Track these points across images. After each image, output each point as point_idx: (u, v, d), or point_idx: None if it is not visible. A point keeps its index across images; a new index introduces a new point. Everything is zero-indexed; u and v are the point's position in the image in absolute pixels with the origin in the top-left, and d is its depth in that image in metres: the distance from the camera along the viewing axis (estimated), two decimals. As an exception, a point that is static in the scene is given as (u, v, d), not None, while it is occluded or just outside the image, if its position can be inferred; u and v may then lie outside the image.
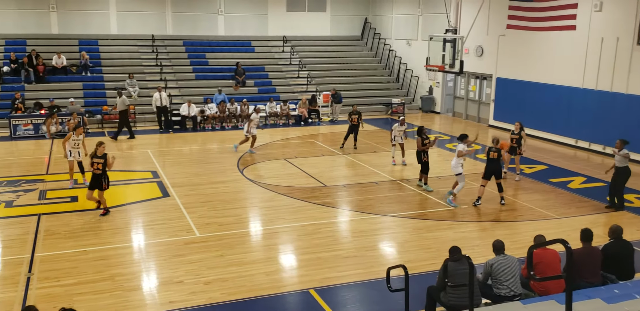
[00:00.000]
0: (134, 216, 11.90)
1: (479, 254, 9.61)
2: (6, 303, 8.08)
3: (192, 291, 8.48)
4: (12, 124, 19.83)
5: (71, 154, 13.79)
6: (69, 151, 13.81)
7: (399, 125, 16.10)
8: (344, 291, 8.58)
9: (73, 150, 13.79)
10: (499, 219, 11.91)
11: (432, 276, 8.27)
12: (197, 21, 27.21)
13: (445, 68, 18.90)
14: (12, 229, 10.95)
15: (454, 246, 7.46)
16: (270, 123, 22.93)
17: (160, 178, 14.69)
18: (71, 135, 13.79)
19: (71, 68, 23.71)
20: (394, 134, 16.17)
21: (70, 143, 13.76)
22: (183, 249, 10.04)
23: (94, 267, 9.27)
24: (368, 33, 30.01)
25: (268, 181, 14.50)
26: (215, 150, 18.57)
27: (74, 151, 13.78)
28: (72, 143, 13.75)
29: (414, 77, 26.89)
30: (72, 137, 13.77)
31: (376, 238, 10.82)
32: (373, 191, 13.81)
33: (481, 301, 7.14)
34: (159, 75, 24.47)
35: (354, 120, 18.23)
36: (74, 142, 13.75)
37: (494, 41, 22.13)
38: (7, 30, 24.55)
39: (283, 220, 11.63)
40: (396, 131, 16.10)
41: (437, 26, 24.32)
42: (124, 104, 19.81)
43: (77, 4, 25.37)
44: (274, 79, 26.08)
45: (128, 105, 20.23)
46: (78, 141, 13.79)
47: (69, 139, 13.75)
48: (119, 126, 19.86)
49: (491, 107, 22.82)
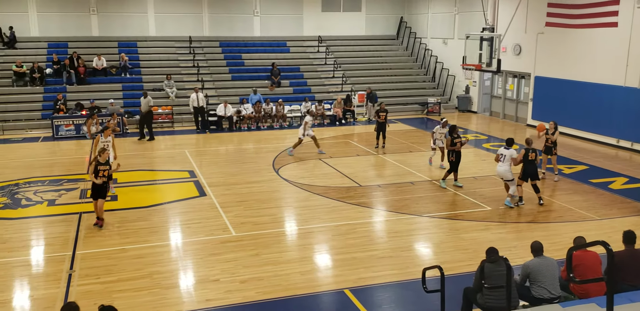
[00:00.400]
0: (172, 215, 12.10)
1: (516, 255, 9.45)
2: (49, 299, 8.31)
3: (228, 289, 8.58)
4: (54, 124, 20.39)
5: None
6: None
7: (441, 127, 15.57)
8: (379, 292, 8.55)
9: None
10: (537, 221, 11.69)
11: (468, 278, 8.17)
12: (233, 22, 27.50)
13: (482, 67, 18.65)
14: (55, 228, 11.26)
15: (491, 247, 7.34)
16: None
17: (197, 178, 14.89)
18: (99, 137, 13.51)
19: (111, 70, 24.24)
20: (435, 137, 15.61)
21: (99, 146, 13.29)
22: (219, 248, 10.16)
23: (132, 265, 9.46)
24: (403, 32, 29.83)
25: (303, 180, 14.54)
26: (250, 150, 18.73)
27: None
28: (101, 146, 13.32)
29: (450, 76, 26.61)
30: (101, 139, 13.48)
31: (412, 239, 10.75)
32: (409, 191, 13.72)
33: (519, 303, 7.03)
34: (196, 76, 24.81)
35: (381, 117, 18.11)
36: (103, 144, 13.40)
37: (533, 39, 21.71)
38: (50, 33, 25.28)
39: (318, 220, 11.65)
40: (438, 133, 15.56)
41: (473, 24, 24.01)
42: (147, 105, 20.10)
43: (117, 6, 25.95)
44: (309, 79, 26.16)
45: (152, 106, 20.49)
46: (107, 142, 13.46)
47: (98, 142, 13.46)
48: (141, 126, 20.07)
49: (529, 107, 22.41)
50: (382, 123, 18.12)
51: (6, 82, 22.95)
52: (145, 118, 20.04)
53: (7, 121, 21.44)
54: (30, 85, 22.91)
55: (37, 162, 16.64)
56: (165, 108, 22.62)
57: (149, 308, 8.03)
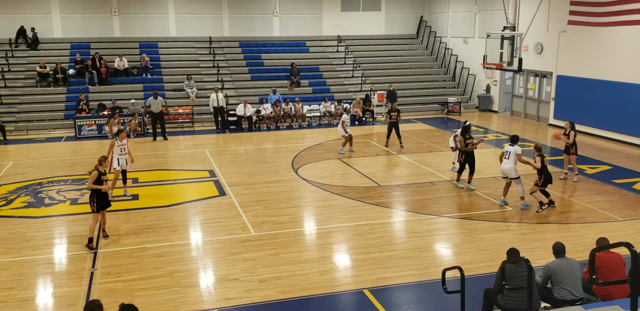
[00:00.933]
0: (192, 214, 12.19)
1: (537, 256, 9.34)
2: (72, 297, 8.42)
3: (247, 288, 8.61)
4: (76, 124, 20.66)
5: (119, 162, 12.92)
6: (116, 160, 12.88)
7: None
8: (398, 292, 8.52)
9: (120, 157, 12.93)
10: (559, 221, 11.54)
11: (489, 279, 8.09)
12: (253, 22, 27.60)
13: (503, 66, 18.50)
14: (77, 226, 11.40)
15: (512, 248, 7.29)
16: (324, 123, 23.00)
17: (217, 177, 14.97)
18: (115, 142, 12.87)
19: (132, 70, 24.49)
20: (457, 140, 14.96)
21: (116, 151, 12.86)
22: (238, 247, 10.20)
23: (153, 263, 9.55)
24: (423, 31, 29.68)
25: (322, 180, 14.54)
26: (270, 150, 18.79)
27: (121, 159, 12.94)
28: (118, 150, 12.87)
29: (471, 75, 26.41)
30: (117, 143, 12.84)
31: (431, 239, 10.69)
32: (428, 191, 13.64)
33: (540, 304, 6.95)
34: (216, 76, 24.95)
35: (392, 117, 18.02)
36: (120, 148, 12.88)
37: (555, 38, 21.45)
38: (73, 34, 25.62)
39: (337, 220, 11.64)
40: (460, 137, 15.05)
41: (494, 23, 23.81)
42: (160, 106, 20.14)
43: (138, 7, 26.21)
44: (328, 79, 26.16)
45: (164, 106, 20.49)
46: (123, 146, 12.94)
47: (113, 146, 12.86)
48: (154, 127, 20.10)
49: (551, 106, 22.15)
50: (394, 123, 18.06)
51: (30, 82, 23.32)
52: (159, 118, 20.11)
53: (30, 121, 21.78)
54: (53, 85, 23.25)
55: (60, 161, 16.87)
56: (186, 108, 22.78)
57: (170, 306, 8.10)
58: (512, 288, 6.74)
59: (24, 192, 13.71)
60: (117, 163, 12.93)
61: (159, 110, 20.10)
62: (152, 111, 20.12)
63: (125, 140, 13.04)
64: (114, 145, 12.85)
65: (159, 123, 20.11)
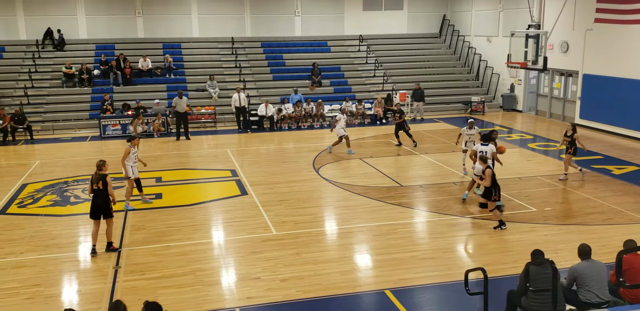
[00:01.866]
0: (214, 213, 12.26)
1: (562, 258, 9.21)
2: (96, 294, 8.53)
3: (268, 287, 8.63)
4: (101, 124, 20.93)
5: (133, 171, 12.28)
6: (130, 168, 12.20)
7: (467, 129, 14.72)
8: (420, 293, 8.47)
9: (134, 166, 12.34)
10: (585, 223, 11.35)
11: (512, 280, 8.00)
12: (275, 23, 27.68)
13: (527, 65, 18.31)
14: (102, 224, 11.51)
15: (537, 249, 7.18)
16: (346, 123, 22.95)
17: (239, 177, 15.04)
18: (130, 149, 12.15)
19: (156, 71, 24.74)
20: (465, 139, 14.80)
21: (131, 158, 12.18)
22: (260, 247, 10.23)
23: (176, 262, 9.62)
24: (446, 30, 29.46)
25: (343, 180, 14.52)
26: (291, 149, 18.82)
27: (134, 167, 12.34)
28: (133, 158, 12.24)
29: (495, 74, 26.14)
30: (132, 150, 12.16)
31: (454, 240, 10.60)
32: (451, 191, 13.53)
33: (565, 307, 6.85)
34: (238, 76, 25.08)
35: (396, 118, 18.17)
36: (134, 155, 12.28)
37: (581, 36, 21.11)
38: (98, 35, 25.98)
39: (358, 220, 11.61)
40: (465, 135, 14.80)
41: (519, 22, 23.54)
42: (185, 105, 20.24)
43: (162, 8, 26.47)
44: (349, 79, 26.12)
45: (188, 106, 20.62)
46: (137, 153, 12.43)
47: (128, 154, 12.13)
48: (178, 126, 20.21)
49: (577, 105, 21.81)
50: (399, 124, 18.07)
51: (56, 83, 23.70)
52: (183, 118, 20.28)
53: (57, 120, 22.13)
54: (79, 86, 23.60)
55: (85, 161, 17.10)
56: (208, 108, 22.93)
57: (192, 304, 8.15)
58: (536, 290, 6.65)
59: (50, 191, 13.94)
60: (131, 171, 12.24)
61: (184, 110, 20.26)
62: (178, 110, 20.27)
63: (137, 147, 12.48)
64: (129, 153, 12.16)
65: (183, 123, 20.27)
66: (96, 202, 9.91)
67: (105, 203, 9.93)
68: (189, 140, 20.06)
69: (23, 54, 24.80)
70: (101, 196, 9.88)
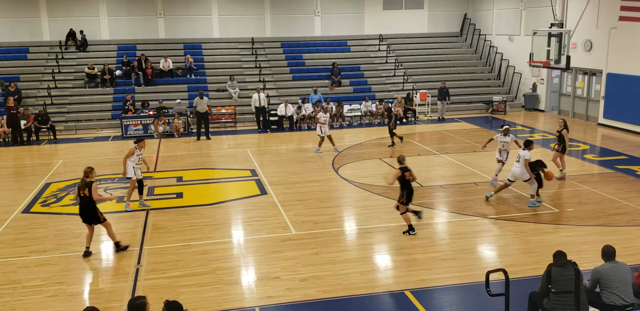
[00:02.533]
0: (234, 212, 12.31)
1: (585, 260, 9.06)
2: (117, 293, 8.62)
3: (288, 287, 8.64)
4: (123, 124, 21.16)
5: (134, 172, 12.29)
6: (132, 169, 12.23)
7: (502, 136, 13.56)
8: (440, 294, 8.40)
9: (137, 167, 12.32)
10: (609, 224, 11.17)
11: (534, 282, 7.90)
12: (295, 23, 27.72)
13: (550, 64, 18.07)
14: (123, 223, 11.68)
15: (559, 250, 7.08)
16: (365, 123, 22.93)
17: (259, 176, 15.09)
18: (134, 150, 12.18)
19: (177, 71, 24.94)
20: (498, 147, 13.75)
21: (134, 160, 12.20)
22: (280, 246, 10.25)
23: (197, 261, 9.68)
24: (467, 29, 29.24)
25: (363, 180, 14.48)
26: (310, 149, 18.81)
27: (137, 169, 12.34)
28: (136, 159, 12.24)
29: (517, 73, 25.87)
30: (136, 152, 12.18)
31: (475, 241, 10.50)
32: (472, 192, 13.41)
33: (588, 309, 6.74)
34: (258, 76, 25.17)
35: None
36: (138, 157, 12.26)
37: (605, 34, 20.78)
38: (120, 36, 26.27)
39: (378, 220, 11.57)
40: (499, 142, 13.68)
41: (541, 20, 23.25)
42: (205, 105, 20.34)
43: (183, 9, 26.67)
44: (369, 78, 26.06)
45: (208, 106, 20.73)
46: (141, 155, 12.35)
47: (132, 155, 12.16)
48: (199, 126, 20.28)
49: (601, 105, 21.48)
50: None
51: (79, 83, 24.02)
52: (204, 118, 20.40)
53: (79, 120, 22.43)
54: (101, 86, 23.89)
55: (108, 160, 17.30)
56: (229, 108, 23.05)
57: (213, 303, 8.20)
58: (558, 292, 6.56)
59: (72, 190, 14.08)
60: (132, 172, 12.25)
61: (205, 110, 20.38)
62: (198, 110, 20.37)
63: (143, 149, 12.39)
64: (133, 154, 12.17)
65: (204, 123, 20.39)
66: (82, 210, 9.88)
67: (91, 212, 9.83)
68: (209, 140, 20.19)
69: (47, 55, 25.19)
70: (86, 204, 9.79)
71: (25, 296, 8.55)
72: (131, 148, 12.29)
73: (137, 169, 12.38)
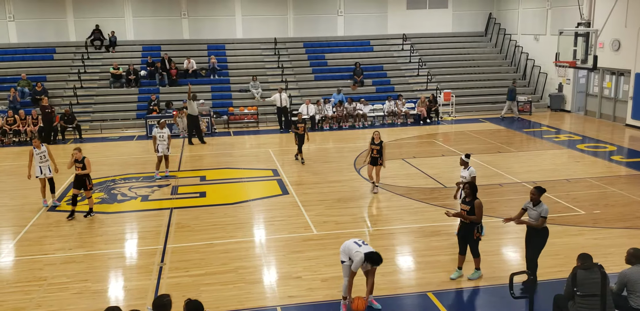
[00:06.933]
0: (256, 212, 12.36)
1: (612, 263, 8.91)
2: (141, 290, 8.71)
3: (309, 287, 8.64)
4: (147, 124, 21.37)
5: (41, 170, 12.58)
6: (38, 168, 12.56)
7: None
8: (463, 296, 8.33)
9: (42, 165, 12.61)
10: (636, 226, 10.95)
11: (559, 284, 7.78)
12: (317, 23, 27.73)
13: (576, 64, 17.85)
14: (147, 222, 11.80)
15: (584, 253, 6.96)
16: (387, 123, 22.83)
17: (280, 176, 15.12)
18: (32, 150, 12.50)
19: (200, 71, 25.12)
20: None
21: (35, 159, 12.49)
22: (301, 246, 10.26)
23: (219, 259, 9.74)
24: (492, 29, 28.94)
25: (385, 181, 14.41)
26: (332, 149, 18.80)
27: (43, 167, 12.61)
28: (38, 158, 12.49)
29: (542, 73, 25.52)
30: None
31: (499, 243, 10.38)
32: (496, 193, 13.26)
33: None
34: (280, 77, 25.23)
35: (300, 129, 16.47)
36: (39, 156, 12.50)
37: (634, 34, 20.39)
38: (144, 36, 26.56)
39: (400, 221, 11.51)
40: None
41: (567, 20, 22.91)
42: (197, 108, 20.13)
43: (206, 10, 26.86)
44: (392, 78, 25.94)
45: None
46: (42, 153, 12.58)
47: (32, 155, 12.50)
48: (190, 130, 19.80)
49: (629, 105, 21.08)
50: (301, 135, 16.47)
51: (104, 84, 24.34)
52: (195, 122, 19.83)
53: (105, 120, 22.73)
54: (126, 86, 24.18)
55: (132, 159, 17.50)
56: (251, 108, 23.15)
57: (235, 302, 8.23)
58: (584, 295, 6.45)
59: (98, 188, 14.29)
60: (39, 171, 12.54)
61: (196, 113, 19.79)
62: (190, 113, 19.64)
63: (44, 147, 12.61)
64: (32, 154, 12.49)
65: (194, 126, 19.77)
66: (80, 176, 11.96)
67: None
68: (204, 144, 19.60)
69: (72, 56, 25.56)
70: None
71: (51, 293, 8.68)
72: (30, 149, 12.63)
73: (44, 167, 12.61)
